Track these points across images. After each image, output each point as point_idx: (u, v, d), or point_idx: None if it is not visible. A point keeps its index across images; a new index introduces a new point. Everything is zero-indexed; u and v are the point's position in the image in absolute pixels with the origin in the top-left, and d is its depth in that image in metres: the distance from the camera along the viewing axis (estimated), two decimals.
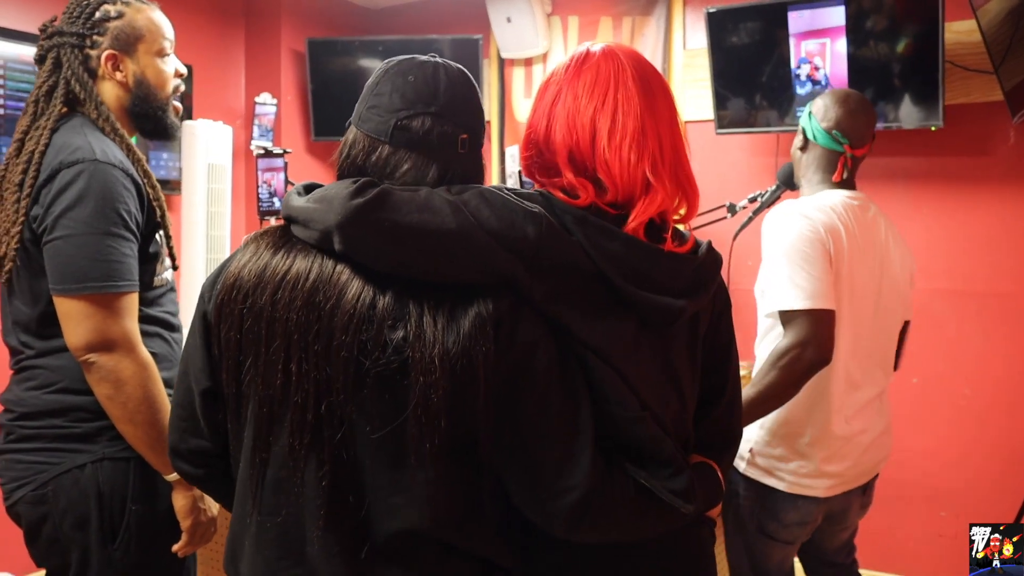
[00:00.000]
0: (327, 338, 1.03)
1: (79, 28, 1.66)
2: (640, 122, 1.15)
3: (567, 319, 1.08)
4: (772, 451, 1.97)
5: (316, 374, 1.04)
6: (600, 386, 1.09)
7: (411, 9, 4.36)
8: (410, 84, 1.13)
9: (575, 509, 1.05)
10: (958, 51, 2.93)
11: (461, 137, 1.13)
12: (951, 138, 3.04)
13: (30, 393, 1.62)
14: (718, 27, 3.26)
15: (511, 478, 1.09)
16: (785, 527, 2.01)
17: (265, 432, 1.08)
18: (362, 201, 1.02)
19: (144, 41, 1.70)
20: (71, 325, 1.53)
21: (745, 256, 3.31)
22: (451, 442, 1.03)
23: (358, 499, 1.06)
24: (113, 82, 1.68)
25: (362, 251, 1.04)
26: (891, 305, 2.04)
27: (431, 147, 1.12)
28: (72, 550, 1.60)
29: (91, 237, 1.51)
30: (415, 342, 1.01)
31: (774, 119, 3.25)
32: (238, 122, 4.03)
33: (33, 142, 1.61)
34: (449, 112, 1.13)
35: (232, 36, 4.06)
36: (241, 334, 1.08)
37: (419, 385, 1.01)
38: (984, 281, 3.05)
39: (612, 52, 1.20)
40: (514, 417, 1.05)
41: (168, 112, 1.75)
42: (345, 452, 1.05)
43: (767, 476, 1.98)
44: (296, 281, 1.06)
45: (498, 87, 4.09)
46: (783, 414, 1.94)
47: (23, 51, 3.08)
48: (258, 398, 1.08)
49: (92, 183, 1.52)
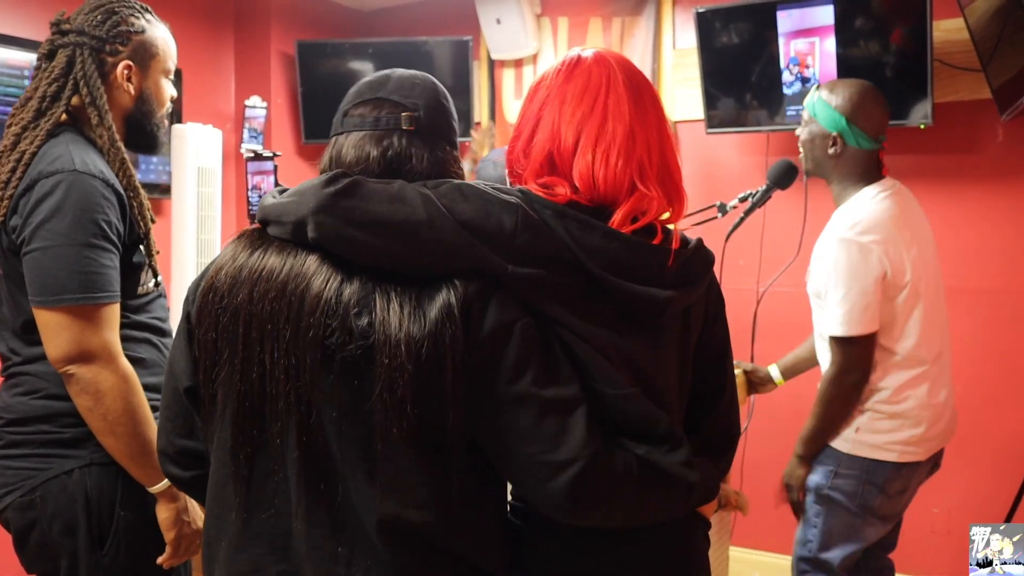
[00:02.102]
0: (295, 324, 1.05)
1: (103, 33, 1.65)
2: (630, 128, 1.16)
3: (549, 307, 1.08)
4: (880, 425, 2.15)
5: (286, 360, 1.05)
6: (585, 366, 1.09)
7: (401, 11, 4.36)
8: (364, 83, 1.20)
9: (575, 483, 1.02)
10: (946, 49, 2.94)
11: (404, 114, 1.16)
12: (940, 136, 3.05)
13: (17, 399, 1.61)
14: (707, 27, 3.27)
15: (505, 462, 1.08)
16: (890, 499, 2.19)
17: (248, 427, 1.08)
18: (334, 190, 1.05)
19: (157, 59, 1.73)
20: (50, 337, 1.52)
21: (737, 256, 3.31)
22: (421, 429, 1.02)
23: (332, 488, 1.06)
24: (122, 92, 1.69)
25: (334, 239, 1.06)
26: (939, 274, 2.26)
27: (376, 127, 1.15)
28: (61, 556, 1.59)
29: (69, 248, 1.50)
30: (380, 327, 1.02)
31: (764, 118, 3.26)
32: (228, 125, 4.02)
33: (28, 142, 1.60)
34: (396, 96, 1.17)
35: (221, 39, 4.05)
36: (217, 334, 1.10)
37: (384, 369, 1.01)
38: (975, 278, 3.05)
39: (603, 58, 1.20)
40: (496, 401, 1.04)
41: (161, 129, 1.77)
42: (316, 439, 1.05)
43: (876, 451, 2.16)
44: (270, 276, 1.08)
45: (488, 88, 4.08)
46: (887, 389, 2.15)
47: (12, 55, 3.06)
48: (237, 394, 1.08)
49: (71, 193, 1.52)
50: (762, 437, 3.38)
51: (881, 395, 2.17)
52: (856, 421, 2.18)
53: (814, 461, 2.25)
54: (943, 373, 2.24)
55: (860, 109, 2.16)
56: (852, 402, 2.16)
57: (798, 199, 2.80)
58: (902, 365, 2.15)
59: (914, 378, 2.16)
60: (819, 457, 2.23)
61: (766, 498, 3.43)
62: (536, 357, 1.05)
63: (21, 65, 3.08)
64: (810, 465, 2.24)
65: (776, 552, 3.48)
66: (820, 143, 2.21)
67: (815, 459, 2.24)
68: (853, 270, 2.07)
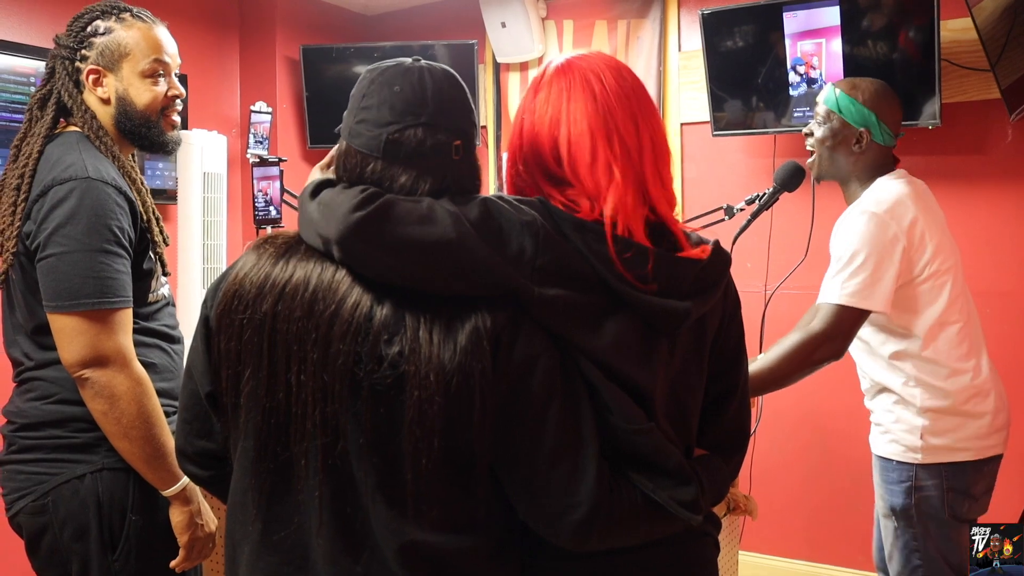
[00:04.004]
0: (324, 346, 1.03)
1: (71, 41, 1.67)
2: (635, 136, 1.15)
3: (568, 330, 1.07)
4: (948, 425, 2.07)
5: (313, 383, 1.03)
6: (600, 398, 1.08)
7: (406, 15, 4.36)
8: (397, 95, 1.10)
9: (582, 525, 1.05)
10: (954, 49, 2.93)
11: (455, 144, 1.11)
12: (948, 136, 3.04)
13: (30, 404, 1.62)
14: (713, 29, 3.26)
15: (516, 494, 1.08)
16: (976, 500, 2.11)
17: (272, 444, 1.07)
18: (362, 215, 1.02)
19: (129, 59, 1.68)
20: (65, 342, 1.53)
21: (745, 258, 3.30)
22: (447, 458, 1.02)
23: (355, 510, 1.05)
24: (95, 97, 1.68)
25: (362, 264, 1.04)
26: (959, 260, 2.21)
27: (425, 158, 1.10)
28: (72, 560, 1.59)
29: (84, 254, 1.52)
30: (411, 356, 1.00)
31: (771, 120, 3.25)
32: (233, 131, 4.02)
33: (28, 148, 1.63)
34: (440, 120, 1.11)
35: (226, 45, 4.05)
36: (240, 345, 1.08)
37: (414, 400, 1.00)
38: (984, 280, 3.04)
39: (586, 61, 1.19)
40: (515, 432, 1.04)
41: (153, 130, 1.72)
42: (341, 463, 1.04)
43: (952, 453, 2.06)
44: (296, 291, 1.05)
45: (494, 92, 4.08)
46: (949, 386, 2.07)
47: (16, 63, 3.07)
48: (262, 410, 1.07)
49: (84, 200, 1.53)
50: (771, 442, 3.37)
51: (935, 375, 2.07)
52: (921, 427, 2.08)
53: (885, 481, 2.14)
54: (978, 338, 2.17)
55: (884, 104, 2.15)
56: (807, 369, 2.04)
57: (805, 201, 2.79)
58: (937, 332, 2.08)
59: (973, 367, 2.10)
60: (888, 477, 2.14)
61: (775, 502, 3.42)
62: (557, 393, 1.05)
63: (26, 72, 3.09)
64: None
65: (786, 557, 3.46)
66: (842, 139, 2.17)
67: (886, 479, 2.14)
68: (873, 241, 2.02)
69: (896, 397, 2.12)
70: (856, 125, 2.14)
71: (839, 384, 3.27)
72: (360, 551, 1.05)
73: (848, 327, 2.04)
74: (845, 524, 3.34)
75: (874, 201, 2.08)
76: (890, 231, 2.03)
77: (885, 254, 2.02)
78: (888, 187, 2.12)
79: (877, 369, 2.17)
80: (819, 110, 2.23)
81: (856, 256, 2.03)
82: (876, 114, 2.13)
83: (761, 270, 3.33)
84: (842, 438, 3.34)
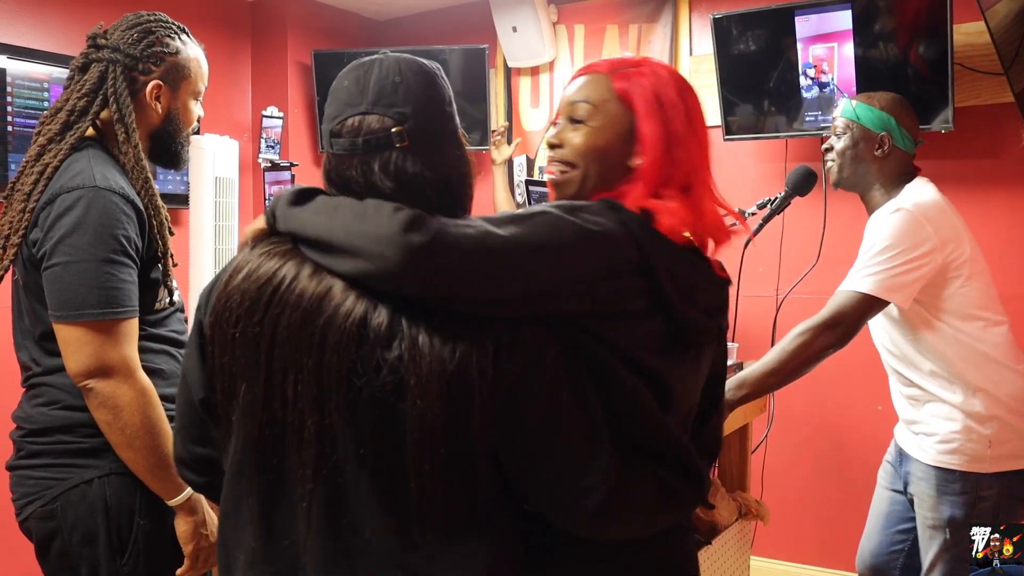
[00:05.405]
0: (319, 355, 1.01)
1: (137, 52, 1.66)
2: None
3: (606, 331, 1.09)
4: (1011, 432, 2.04)
5: (309, 393, 1.02)
6: (626, 393, 1.10)
7: (417, 20, 4.37)
8: (344, 89, 1.11)
9: (601, 508, 1.04)
10: (967, 53, 2.91)
11: (395, 130, 1.08)
12: (961, 141, 3.02)
13: (37, 410, 1.62)
14: (724, 33, 3.25)
15: (530, 486, 1.07)
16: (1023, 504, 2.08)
17: (268, 454, 1.06)
18: (429, 251, 0.98)
19: (189, 80, 1.73)
20: (70, 351, 1.53)
21: (756, 263, 3.29)
22: (449, 461, 1.01)
23: (352, 521, 1.04)
24: (150, 110, 1.70)
25: (442, 299, 1.01)
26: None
27: (367, 147, 1.08)
28: (82, 565, 1.60)
29: (89, 264, 1.51)
30: (410, 364, 0.98)
31: (782, 125, 3.24)
32: (245, 136, 4.04)
33: (51, 155, 1.61)
34: (378, 108, 1.08)
35: (238, 50, 4.08)
36: (234, 358, 1.06)
37: (416, 405, 0.99)
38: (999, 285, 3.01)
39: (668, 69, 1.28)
40: (526, 425, 1.03)
41: (186, 148, 1.78)
42: (338, 473, 1.03)
43: (1018, 460, 2.04)
44: (290, 300, 1.03)
45: (505, 96, 4.08)
46: (1008, 391, 2.05)
47: (32, 68, 3.09)
48: (258, 423, 1.05)
49: (91, 209, 1.53)
50: (782, 446, 3.35)
51: (993, 380, 2.05)
52: (989, 435, 2.03)
53: (942, 493, 2.08)
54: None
55: (901, 109, 2.17)
56: (810, 359, 1.99)
57: (817, 206, 2.79)
58: (992, 334, 2.08)
59: (1009, 341, 2.10)
60: (947, 488, 2.07)
61: (786, 507, 3.40)
62: (566, 382, 1.04)
63: (40, 78, 3.11)
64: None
65: (797, 562, 3.44)
66: (864, 146, 2.17)
67: (944, 491, 2.08)
68: (905, 237, 2.01)
69: (952, 405, 2.07)
70: (877, 130, 2.15)
71: (852, 388, 3.26)
72: (356, 561, 1.04)
73: (856, 315, 2.01)
74: (857, 529, 3.31)
75: (910, 201, 2.08)
76: (924, 230, 2.02)
77: (915, 251, 2.01)
78: (921, 191, 2.13)
79: (926, 378, 2.11)
80: (837, 124, 2.23)
81: (886, 250, 2.02)
82: (895, 118, 2.14)
83: (773, 275, 3.32)
84: (854, 442, 3.32)
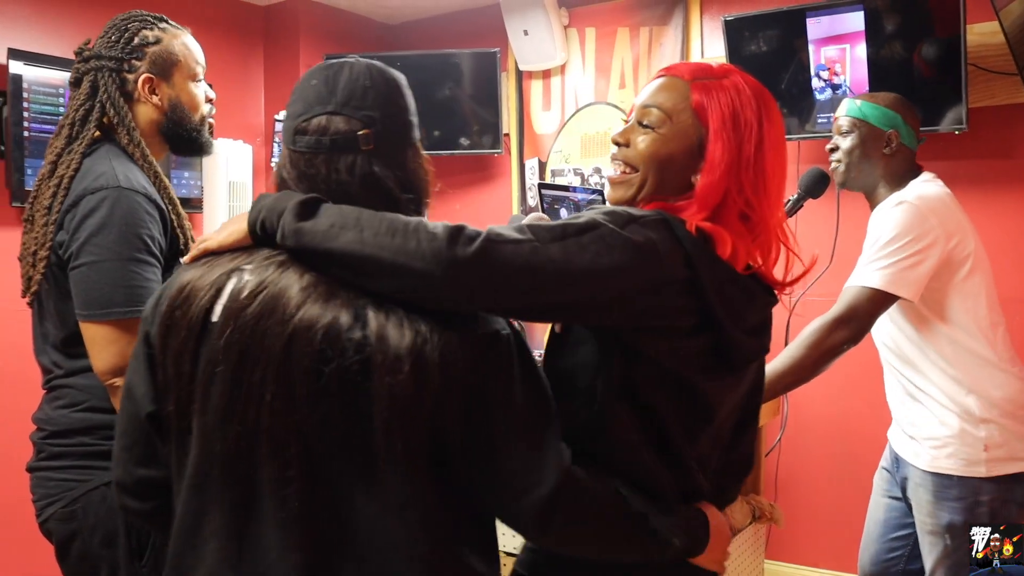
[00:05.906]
0: (286, 352, 1.00)
1: (118, 52, 1.68)
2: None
3: (647, 344, 1.10)
4: (1007, 435, 2.01)
5: (273, 393, 1.00)
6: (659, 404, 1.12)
7: (428, 24, 4.38)
8: (312, 88, 1.11)
9: (545, 506, 1.02)
10: (981, 53, 2.90)
11: (361, 134, 1.08)
12: (975, 141, 3.00)
13: (59, 412, 1.64)
14: (736, 35, 3.25)
15: (477, 477, 1.05)
16: (1022, 508, 2.06)
17: (238, 464, 1.04)
18: (476, 262, 0.99)
19: (179, 66, 1.73)
20: (97, 350, 1.55)
21: None
22: (421, 444, 1.00)
23: (331, 514, 1.02)
24: (149, 105, 1.71)
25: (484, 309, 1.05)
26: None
27: (333, 147, 1.08)
28: (102, 567, 1.61)
29: (115, 263, 1.53)
30: (377, 343, 0.98)
31: (795, 127, 3.23)
32: (258, 140, 4.06)
33: (64, 166, 1.63)
34: (347, 109, 1.09)
35: (251, 54, 4.09)
36: (195, 367, 1.05)
37: (383, 386, 0.98)
38: (1010, 287, 3.00)
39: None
40: (479, 411, 1.02)
41: (203, 132, 1.78)
42: (315, 467, 1.01)
43: (1016, 464, 2.01)
44: (247, 299, 1.02)
45: (516, 100, 4.09)
46: (1004, 393, 2.02)
47: (48, 74, 3.12)
48: (223, 437, 1.03)
49: (115, 209, 1.55)
50: (796, 450, 3.34)
51: (989, 381, 2.02)
52: (984, 438, 2.01)
53: (940, 498, 2.05)
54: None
55: (906, 108, 2.18)
56: (824, 358, 1.98)
57: (830, 208, 2.77)
58: (990, 334, 2.05)
59: (1006, 342, 2.08)
60: (945, 494, 2.05)
61: (800, 511, 3.39)
62: (518, 371, 1.04)
63: (56, 84, 3.13)
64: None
65: (811, 566, 3.43)
66: (872, 144, 2.16)
67: (942, 496, 2.05)
68: (911, 229, 2.00)
69: (946, 407, 2.04)
70: (884, 128, 2.15)
71: (866, 390, 3.24)
72: (337, 559, 1.02)
73: (868, 311, 1.99)
74: None
75: (913, 194, 2.07)
76: (928, 221, 2.01)
77: (921, 242, 2.00)
78: (925, 187, 2.12)
79: (921, 375, 2.09)
80: (842, 124, 2.22)
81: (892, 241, 2.00)
82: (901, 116, 2.15)
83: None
84: (869, 445, 3.30)
